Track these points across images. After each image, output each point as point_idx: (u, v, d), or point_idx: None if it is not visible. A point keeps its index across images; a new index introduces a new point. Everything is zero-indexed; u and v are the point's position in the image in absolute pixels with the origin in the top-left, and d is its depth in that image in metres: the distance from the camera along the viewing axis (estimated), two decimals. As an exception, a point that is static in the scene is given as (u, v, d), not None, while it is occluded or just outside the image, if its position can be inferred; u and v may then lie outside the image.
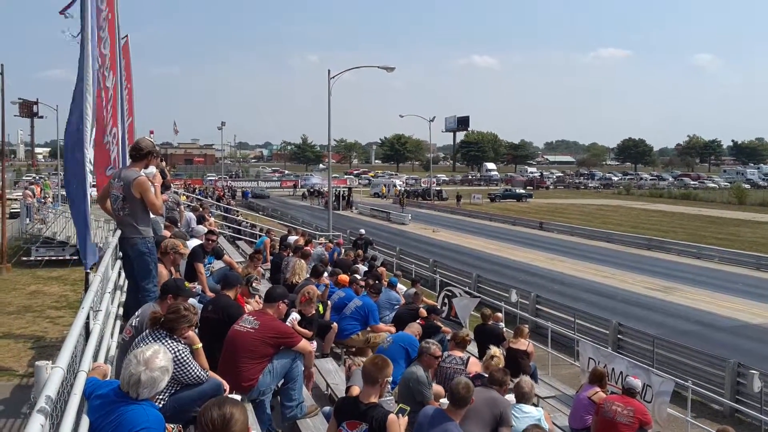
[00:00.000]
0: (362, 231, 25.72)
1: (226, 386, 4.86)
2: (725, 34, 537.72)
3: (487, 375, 6.36)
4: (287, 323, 6.60)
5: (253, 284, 7.42)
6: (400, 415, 4.88)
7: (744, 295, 23.33)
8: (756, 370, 12.16)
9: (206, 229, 11.00)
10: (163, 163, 9.21)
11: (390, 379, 4.80)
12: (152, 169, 6.34)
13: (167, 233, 8.98)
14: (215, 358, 5.53)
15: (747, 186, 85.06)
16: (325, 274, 10.47)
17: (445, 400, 5.63)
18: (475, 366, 7.22)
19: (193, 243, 9.36)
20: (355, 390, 5.44)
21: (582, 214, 55.75)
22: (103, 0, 8.41)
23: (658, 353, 14.23)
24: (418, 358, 6.34)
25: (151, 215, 6.49)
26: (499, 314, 13.64)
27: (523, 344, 10.35)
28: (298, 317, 7.18)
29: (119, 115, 9.74)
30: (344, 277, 10.65)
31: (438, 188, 77.07)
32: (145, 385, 3.35)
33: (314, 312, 7.60)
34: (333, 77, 30.06)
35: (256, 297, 7.19)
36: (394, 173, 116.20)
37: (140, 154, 6.33)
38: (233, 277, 7.14)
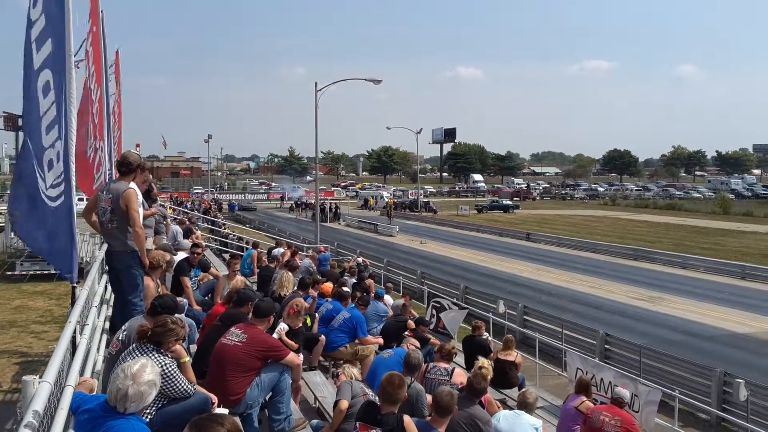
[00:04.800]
0: (360, 260, 22.08)
1: (214, 400, 4.83)
2: (708, 45, 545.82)
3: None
4: (274, 334, 6.58)
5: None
6: None
7: (729, 305, 23.51)
8: (742, 378, 12.26)
9: (191, 243, 10.95)
10: (150, 177, 9.17)
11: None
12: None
13: (152, 245, 8.92)
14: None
15: (731, 196, 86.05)
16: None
17: None
18: (459, 377, 7.22)
19: (179, 257, 9.31)
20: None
21: (568, 224, 56.06)
22: (86, 14, 8.43)
23: (645, 363, 14.30)
24: (413, 373, 6.24)
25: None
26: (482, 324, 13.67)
27: (511, 355, 10.42)
28: (286, 328, 7.14)
29: (105, 128, 9.72)
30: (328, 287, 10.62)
31: (425, 200, 77.31)
32: (133, 399, 3.35)
33: (301, 325, 7.58)
34: (320, 90, 30.14)
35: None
36: (381, 185, 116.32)
37: (129, 169, 6.35)
38: (245, 295, 6.91)
